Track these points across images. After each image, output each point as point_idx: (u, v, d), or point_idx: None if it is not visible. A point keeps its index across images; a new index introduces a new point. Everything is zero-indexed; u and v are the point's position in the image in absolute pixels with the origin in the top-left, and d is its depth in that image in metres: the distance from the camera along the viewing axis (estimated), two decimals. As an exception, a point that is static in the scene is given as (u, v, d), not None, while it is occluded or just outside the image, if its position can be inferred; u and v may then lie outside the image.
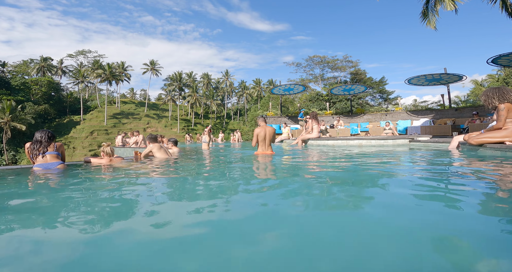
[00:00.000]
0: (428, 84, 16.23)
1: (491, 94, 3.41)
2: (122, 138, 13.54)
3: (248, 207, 1.34)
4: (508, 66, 14.36)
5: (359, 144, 6.35)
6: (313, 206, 1.30)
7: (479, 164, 2.68)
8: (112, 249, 0.85)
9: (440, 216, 1.08)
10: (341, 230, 0.96)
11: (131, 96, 75.70)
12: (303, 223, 1.06)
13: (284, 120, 16.73)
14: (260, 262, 0.73)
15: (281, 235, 0.93)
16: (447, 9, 9.67)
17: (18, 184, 2.29)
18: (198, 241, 0.89)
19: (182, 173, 2.79)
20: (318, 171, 2.65)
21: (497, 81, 30.76)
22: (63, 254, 0.83)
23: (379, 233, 0.91)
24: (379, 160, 3.49)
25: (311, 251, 0.79)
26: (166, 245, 0.86)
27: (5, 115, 33.58)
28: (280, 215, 1.17)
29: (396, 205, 1.26)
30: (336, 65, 42.55)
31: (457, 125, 11.63)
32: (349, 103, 23.41)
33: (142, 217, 1.17)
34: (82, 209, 1.34)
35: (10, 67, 48.87)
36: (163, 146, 4.54)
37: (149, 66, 56.27)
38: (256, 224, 1.06)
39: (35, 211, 1.34)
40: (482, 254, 0.74)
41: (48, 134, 3.11)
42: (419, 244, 0.81)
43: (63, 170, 2.91)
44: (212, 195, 1.64)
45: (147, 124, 50.78)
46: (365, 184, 1.87)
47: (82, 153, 37.24)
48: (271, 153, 4.52)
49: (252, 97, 60.79)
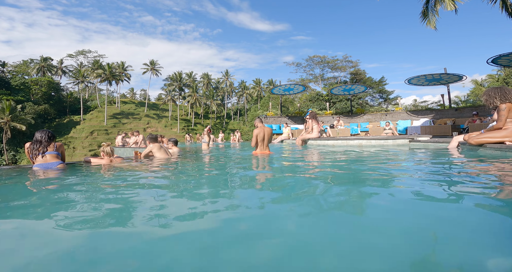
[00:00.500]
0: (428, 84, 16.22)
1: (492, 94, 3.40)
2: (122, 138, 13.55)
3: (248, 206, 1.34)
4: (508, 66, 14.36)
5: (359, 144, 6.34)
6: (312, 205, 1.30)
7: (479, 164, 2.68)
8: (112, 250, 0.85)
9: (440, 216, 1.08)
10: (341, 230, 0.95)
11: (131, 96, 75.70)
12: (303, 222, 1.06)
13: (284, 120, 16.73)
14: (261, 262, 0.73)
15: (281, 234, 0.93)
16: (447, 9, 9.67)
17: (18, 184, 2.29)
18: (198, 240, 0.88)
19: (181, 173, 2.79)
20: (317, 171, 2.65)
21: (497, 81, 30.77)
22: (63, 254, 0.83)
23: (379, 233, 0.91)
24: (379, 160, 3.49)
25: (311, 250, 0.79)
26: (166, 245, 0.86)
27: (5, 115, 33.58)
28: (281, 214, 1.17)
29: (396, 205, 1.26)
30: (336, 65, 42.58)
31: (457, 125, 11.63)
32: (349, 103, 23.42)
33: (142, 217, 1.17)
34: (81, 209, 1.34)
35: (10, 67, 48.87)
36: (163, 146, 4.54)
37: (149, 66, 56.27)
38: (256, 223, 1.06)
39: (35, 211, 1.34)
40: (482, 254, 0.74)
41: (48, 134, 3.11)
42: (419, 244, 0.81)
43: (63, 170, 2.91)
44: (212, 195, 1.64)
45: (147, 124, 50.78)
46: (365, 184, 1.87)
47: (82, 153, 37.24)
48: (269, 153, 4.64)
49: (252, 97, 60.79)
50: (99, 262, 0.76)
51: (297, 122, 16.57)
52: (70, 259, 0.78)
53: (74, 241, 0.93)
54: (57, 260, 0.78)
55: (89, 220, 1.15)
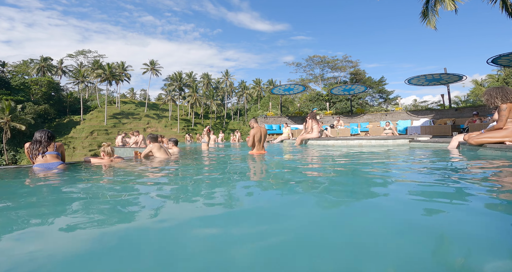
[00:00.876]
0: (428, 84, 16.22)
1: (494, 94, 3.39)
2: (122, 138, 13.55)
3: (247, 206, 1.34)
4: (508, 66, 14.36)
5: (359, 144, 6.34)
6: (311, 205, 1.30)
7: (479, 164, 2.68)
8: (112, 249, 0.85)
9: (440, 216, 1.08)
10: (340, 230, 0.95)
11: (131, 96, 75.70)
12: (302, 222, 1.06)
13: (284, 120, 16.73)
14: (260, 261, 0.73)
15: (281, 234, 0.93)
16: (447, 9, 9.68)
17: (17, 184, 2.29)
18: (198, 239, 0.89)
19: (181, 173, 2.79)
20: (317, 171, 2.65)
21: (497, 81, 30.78)
22: (63, 254, 0.83)
23: (379, 233, 0.91)
24: (379, 160, 3.49)
25: (310, 250, 0.79)
26: (166, 245, 0.86)
27: (5, 115, 33.58)
28: (280, 214, 1.17)
29: (396, 205, 1.26)
30: (336, 65, 42.57)
31: (457, 125, 11.63)
32: (349, 103, 23.41)
33: (142, 216, 1.17)
34: (81, 209, 1.34)
35: (10, 67, 48.87)
36: (163, 146, 4.54)
37: (149, 66, 56.28)
38: (256, 223, 1.06)
39: (34, 211, 1.34)
40: (482, 254, 0.74)
41: (47, 134, 3.11)
42: (419, 245, 0.81)
43: (63, 170, 2.91)
44: (212, 194, 1.64)
45: (147, 124, 50.78)
46: (364, 184, 1.87)
47: (82, 153, 37.24)
48: (265, 153, 4.84)
49: (252, 97, 60.81)
50: (100, 262, 0.76)
51: (297, 122, 16.57)
52: (70, 259, 0.79)
53: (74, 240, 0.93)
54: (56, 260, 0.79)
55: (89, 219, 1.15)
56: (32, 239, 0.96)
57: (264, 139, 4.92)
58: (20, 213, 1.30)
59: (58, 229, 1.05)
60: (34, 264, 0.76)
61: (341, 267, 0.69)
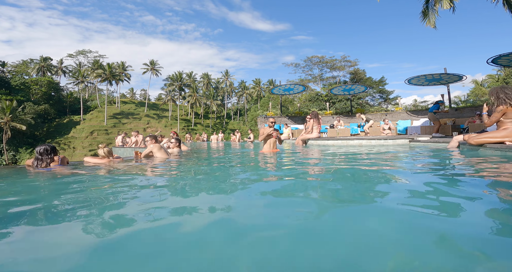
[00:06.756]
0: (428, 84, 16.21)
1: (503, 96, 3.42)
2: (122, 138, 13.55)
3: (247, 206, 1.34)
4: (508, 66, 14.34)
5: (359, 144, 6.34)
6: (311, 205, 1.30)
7: (479, 164, 2.67)
8: (112, 250, 0.85)
9: (440, 216, 1.08)
10: (340, 230, 0.95)
11: (131, 96, 75.69)
12: (302, 221, 1.06)
13: (284, 120, 16.73)
14: (260, 261, 0.73)
15: (280, 233, 0.93)
16: (443, 8, 9.71)
17: (17, 184, 2.29)
18: (199, 239, 0.88)
19: (181, 172, 2.79)
20: (317, 171, 2.65)
21: (497, 81, 30.76)
22: (63, 254, 0.83)
23: (379, 233, 0.91)
24: (379, 160, 3.49)
25: (310, 250, 0.79)
26: (165, 244, 0.86)
27: (5, 115, 33.57)
28: (280, 214, 1.17)
29: (396, 205, 1.26)
30: (335, 65, 42.51)
31: (457, 125, 11.62)
32: (349, 103, 23.41)
33: (142, 216, 1.17)
34: (81, 209, 1.34)
35: (10, 67, 48.86)
36: (163, 146, 4.54)
37: (149, 66, 56.27)
38: (255, 223, 1.06)
39: (34, 211, 1.34)
40: (483, 255, 0.74)
41: (47, 148, 3.13)
42: (419, 245, 0.81)
43: (60, 170, 2.91)
44: (211, 194, 1.64)
45: (147, 124, 50.78)
46: (364, 184, 1.87)
47: (82, 153, 37.25)
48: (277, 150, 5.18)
49: (252, 97, 60.80)
50: (100, 262, 0.76)
51: (297, 122, 16.56)
52: (70, 259, 0.78)
53: (74, 241, 0.93)
54: (56, 260, 0.78)
55: (88, 220, 1.15)
56: (30, 239, 0.96)
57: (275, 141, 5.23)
58: (18, 213, 1.30)
59: (56, 229, 1.05)
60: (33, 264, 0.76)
61: (342, 266, 0.69)
